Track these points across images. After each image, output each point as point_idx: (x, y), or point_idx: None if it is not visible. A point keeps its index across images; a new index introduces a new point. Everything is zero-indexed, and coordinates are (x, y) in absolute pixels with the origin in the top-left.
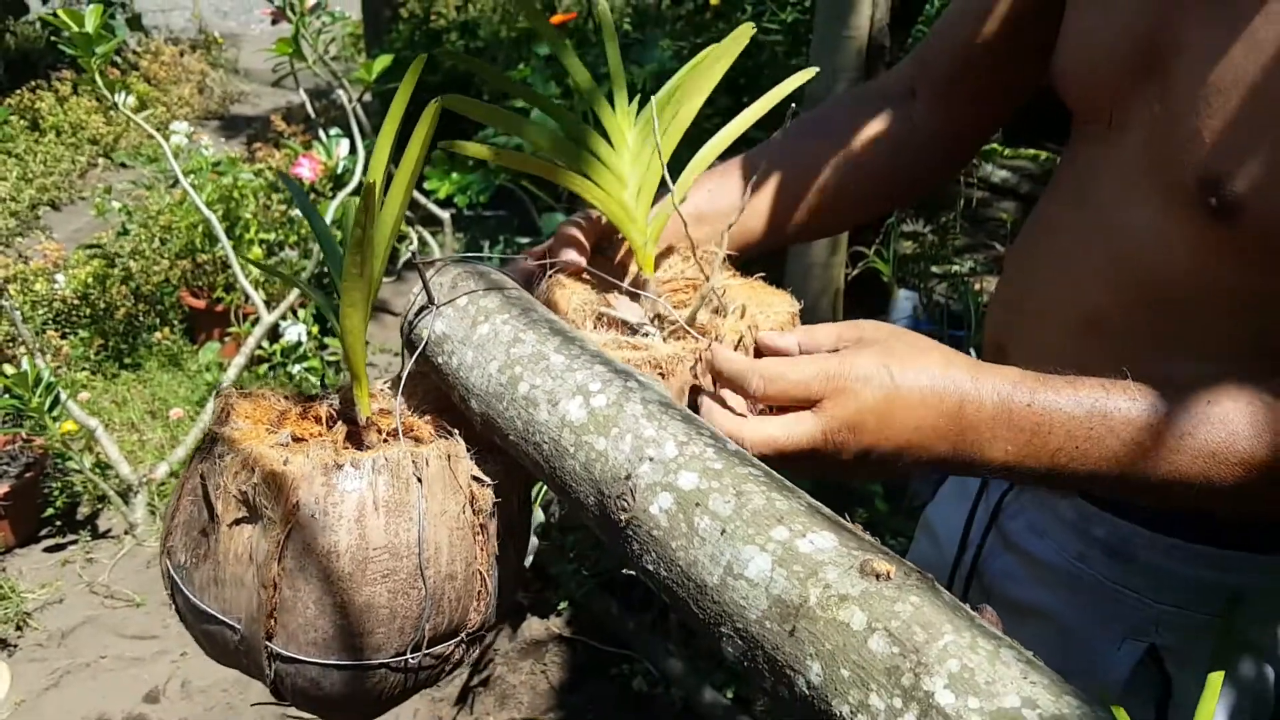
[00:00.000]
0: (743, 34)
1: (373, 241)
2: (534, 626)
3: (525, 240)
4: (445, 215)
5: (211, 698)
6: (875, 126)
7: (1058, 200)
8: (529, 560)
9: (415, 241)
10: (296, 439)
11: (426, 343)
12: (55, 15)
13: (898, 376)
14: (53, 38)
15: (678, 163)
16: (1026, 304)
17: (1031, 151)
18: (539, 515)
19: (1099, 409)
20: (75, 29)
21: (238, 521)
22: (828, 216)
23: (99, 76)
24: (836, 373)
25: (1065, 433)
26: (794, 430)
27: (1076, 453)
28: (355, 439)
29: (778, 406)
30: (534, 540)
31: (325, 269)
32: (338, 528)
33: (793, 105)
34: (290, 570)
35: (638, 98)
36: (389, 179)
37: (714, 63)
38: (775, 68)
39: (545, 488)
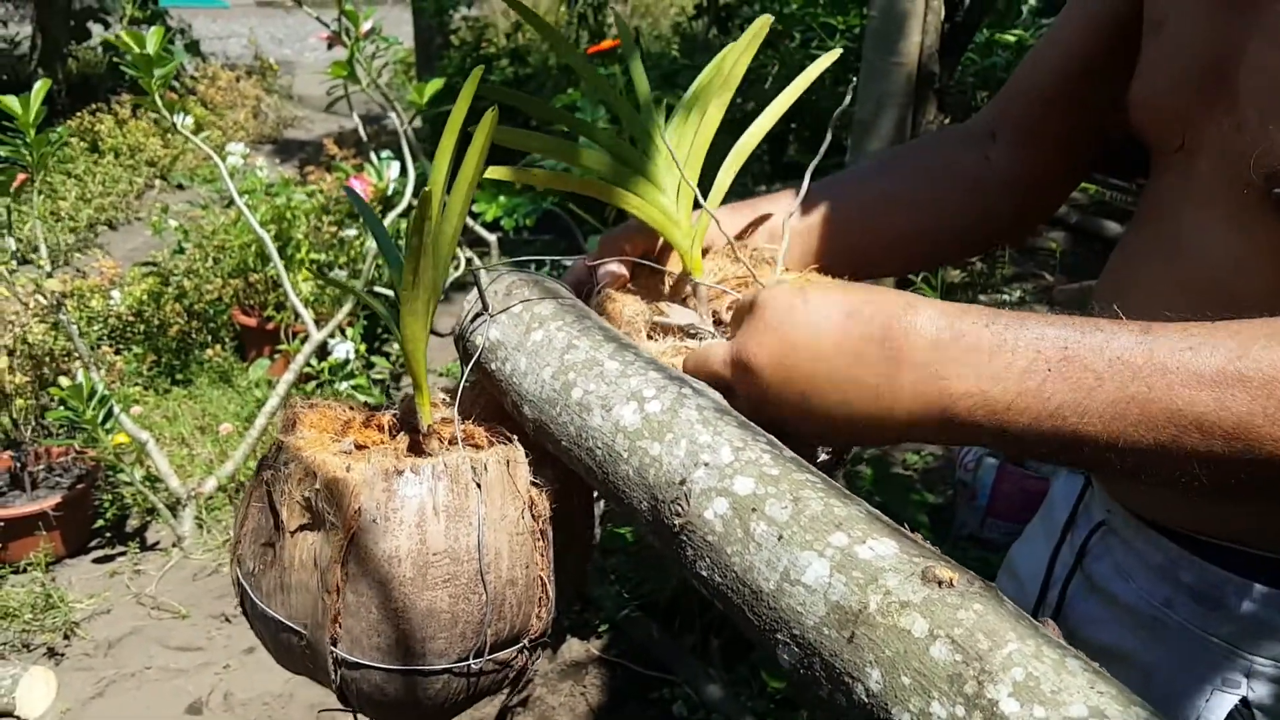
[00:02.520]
0: (761, 26)
1: (431, 250)
2: (574, 648)
3: (570, 263)
4: (492, 238)
5: (253, 710)
6: (952, 167)
7: (1137, 232)
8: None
9: (463, 263)
10: (359, 447)
11: (481, 350)
12: (118, 37)
13: (812, 296)
14: (114, 59)
15: (716, 156)
16: None
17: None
18: None
19: (1074, 329)
20: (137, 50)
21: (302, 528)
22: (893, 256)
23: (159, 97)
24: (752, 295)
25: (1034, 351)
26: (711, 345)
27: (1050, 375)
28: (417, 448)
29: None
30: None
31: (373, 281)
32: (399, 532)
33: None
34: (353, 575)
35: (664, 102)
36: (448, 188)
37: (736, 58)
38: (824, 95)
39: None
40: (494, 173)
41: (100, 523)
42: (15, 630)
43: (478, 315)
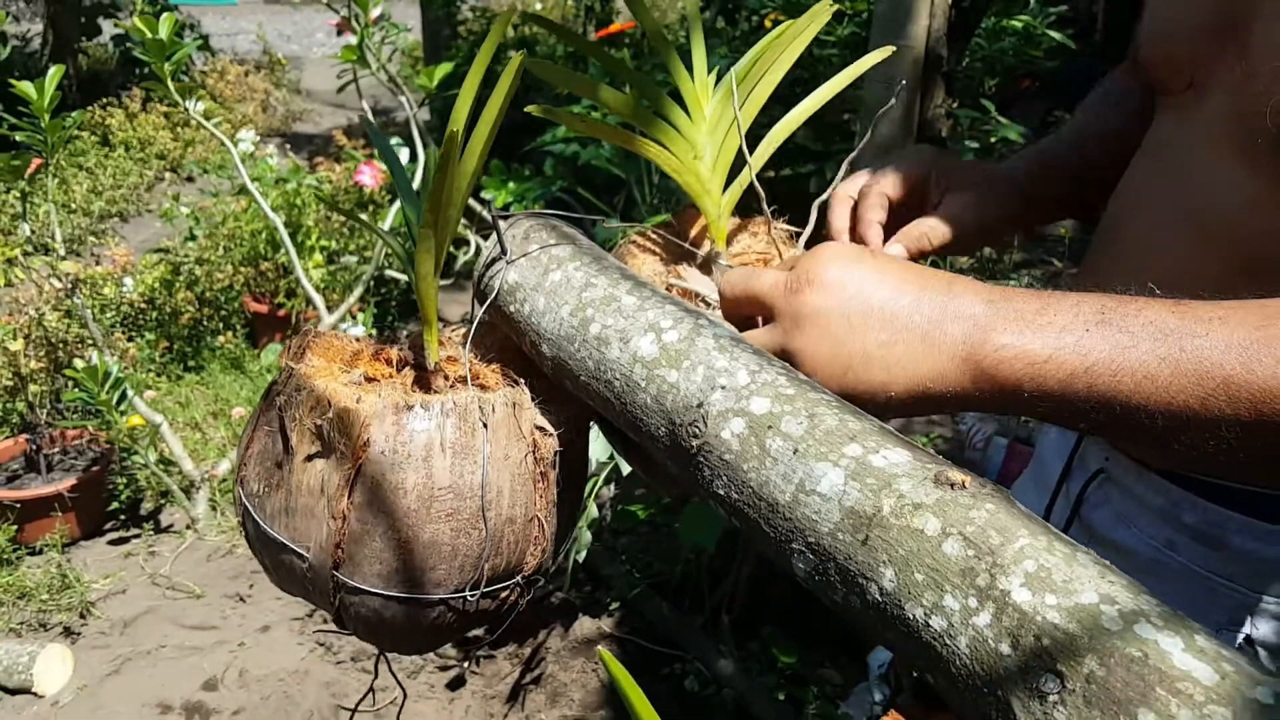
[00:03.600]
0: (821, 11)
1: (450, 190)
2: (585, 625)
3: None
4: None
5: (268, 686)
6: (1126, 101)
7: (1138, 175)
8: (581, 556)
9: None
10: (368, 379)
11: (498, 292)
12: (132, 25)
13: (876, 252)
14: (127, 46)
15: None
16: (1110, 283)
17: None
18: (593, 511)
19: (1110, 298)
20: (149, 36)
21: (311, 455)
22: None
23: (171, 82)
24: (815, 246)
25: (1072, 314)
26: (763, 271)
27: (1087, 335)
28: (423, 383)
29: None
30: (587, 536)
31: (384, 266)
32: (406, 466)
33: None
34: (359, 504)
35: (716, 69)
36: (469, 131)
37: (792, 38)
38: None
39: (597, 486)
40: (543, 111)
41: (115, 505)
42: (32, 610)
43: (495, 260)
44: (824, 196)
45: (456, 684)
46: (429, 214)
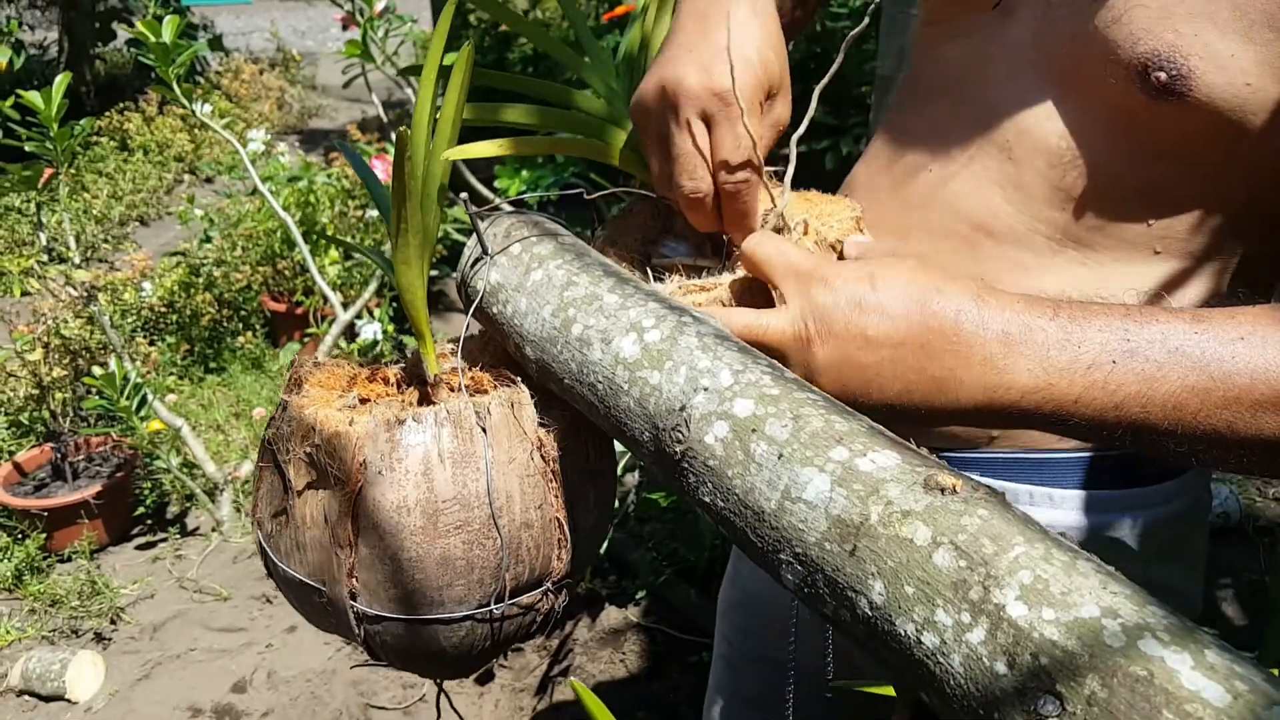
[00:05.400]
0: None
1: (418, 193)
2: (612, 616)
3: (589, 234)
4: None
5: (296, 688)
6: None
7: (917, 107)
8: (604, 546)
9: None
10: (363, 400)
11: (481, 295)
12: (137, 29)
13: (880, 282)
14: (133, 48)
15: None
16: (889, 220)
17: None
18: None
19: (1133, 320)
20: (154, 39)
21: (309, 485)
22: None
23: (176, 85)
24: (819, 264)
25: (1098, 345)
26: (765, 315)
27: (1115, 368)
28: (427, 399)
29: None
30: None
31: None
32: (405, 482)
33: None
34: (364, 528)
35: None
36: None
37: None
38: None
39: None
40: (479, 150)
41: (141, 510)
42: (64, 617)
43: (478, 260)
44: (800, 130)
45: (485, 678)
46: (397, 223)
